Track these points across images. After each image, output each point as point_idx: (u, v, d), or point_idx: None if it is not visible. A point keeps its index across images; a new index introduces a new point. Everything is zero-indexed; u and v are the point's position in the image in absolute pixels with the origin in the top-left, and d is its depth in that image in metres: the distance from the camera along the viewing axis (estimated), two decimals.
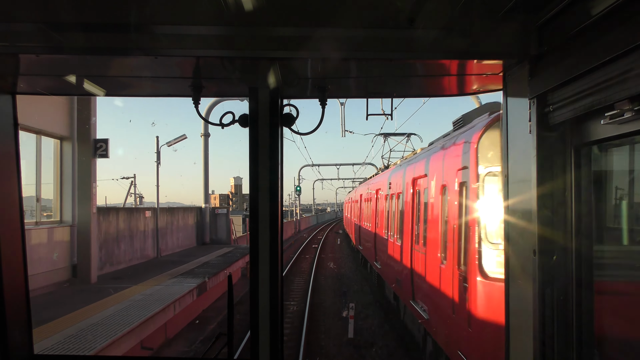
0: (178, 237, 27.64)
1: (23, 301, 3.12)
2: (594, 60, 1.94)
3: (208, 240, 31.37)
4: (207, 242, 31.23)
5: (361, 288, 22.57)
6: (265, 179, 2.91)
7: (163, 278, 17.11)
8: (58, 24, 2.41)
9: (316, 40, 2.47)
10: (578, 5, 2.09)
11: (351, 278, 25.99)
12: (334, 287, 22.92)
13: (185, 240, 28.97)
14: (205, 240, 31.23)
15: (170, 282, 16.20)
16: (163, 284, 15.90)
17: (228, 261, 22.08)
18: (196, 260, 22.48)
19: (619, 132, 2.03)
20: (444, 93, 3.49)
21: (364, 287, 22.82)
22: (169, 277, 17.24)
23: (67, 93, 4.39)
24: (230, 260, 22.57)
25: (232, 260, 22.54)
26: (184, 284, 15.88)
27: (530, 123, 2.46)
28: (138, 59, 2.72)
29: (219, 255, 24.98)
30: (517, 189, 2.63)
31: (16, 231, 3.07)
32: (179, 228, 27.89)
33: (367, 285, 23.13)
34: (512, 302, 2.69)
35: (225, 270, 19.79)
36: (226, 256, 24.29)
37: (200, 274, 17.87)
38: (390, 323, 15.10)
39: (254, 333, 2.99)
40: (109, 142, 16.68)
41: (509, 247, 2.74)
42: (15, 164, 3.05)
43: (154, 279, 16.72)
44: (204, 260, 22.36)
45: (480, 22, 2.44)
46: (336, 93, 3.31)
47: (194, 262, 21.81)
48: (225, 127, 3.03)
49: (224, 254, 25.24)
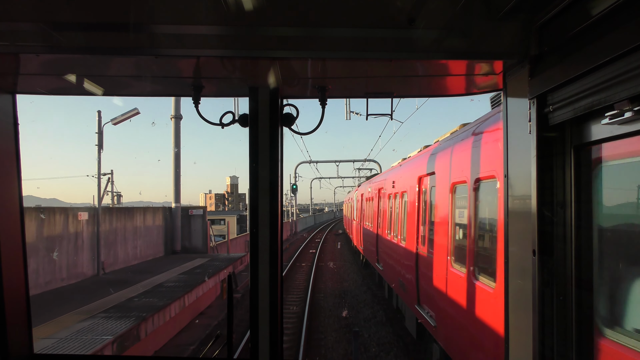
0: (136, 246, 21.49)
1: (23, 301, 3.10)
2: (594, 61, 1.94)
3: (179, 249, 25.23)
4: (177, 251, 25.10)
5: (374, 314, 16.63)
6: (265, 178, 2.93)
7: (67, 320, 10.90)
8: (58, 24, 2.41)
9: (316, 40, 2.47)
10: (578, 6, 2.10)
11: (358, 297, 20.00)
12: (337, 312, 16.93)
13: (148, 249, 22.84)
14: (175, 249, 25.09)
15: (68, 332, 9.98)
16: (53, 336, 9.66)
17: (192, 282, 15.92)
18: (149, 280, 16.34)
19: (619, 133, 2.03)
20: (444, 93, 3.39)
21: (377, 311, 16.83)
22: (78, 319, 11.00)
23: (68, 93, 3.39)
24: (195, 280, 16.38)
25: (197, 280, 16.33)
26: (95, 334, 9.70)
27: (530, 123, 2.44)
28: (138, 59, 2.69)
29: (185, 270, 18.81)
30: (517, 189, 2.63)
31: (16, 231, 3.07)
32: (138, 234, 21.75)
33: (378, 306, 17.11)
34: (511, 302, 2.69)
35: (182, 297, 13.64)
36: (194, 273, 18.11)
37: (139, 309, 11.73)
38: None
39: (253, 333, 2.97)
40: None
41: (508, 247, 2.73)
42: (15, 164, 3.06)
43: (47, 324, 10.51)
44: (160, 281, 16.21)
45: (480, 22, 2.44)
46: (336, 93, 3.26)
47: (144, 283, 15.68)
48: (225, 126, 3.06)
49: (192, 269, 19.08)
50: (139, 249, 21.70)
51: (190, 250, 25.83)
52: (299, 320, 15.69)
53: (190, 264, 20.58)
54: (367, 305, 18.76)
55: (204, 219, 26.09)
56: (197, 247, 25.91)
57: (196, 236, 25.96)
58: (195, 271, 18.55)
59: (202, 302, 17.08)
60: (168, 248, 24.94)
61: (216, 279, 18.26)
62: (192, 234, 26.00)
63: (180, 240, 25.27)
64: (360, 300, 19.86)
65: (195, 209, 26.30)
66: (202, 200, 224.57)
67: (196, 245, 25.96)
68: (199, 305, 16.69)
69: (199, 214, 26.11)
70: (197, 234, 25.96)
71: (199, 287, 15.50)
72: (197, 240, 25.95)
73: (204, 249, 25.91)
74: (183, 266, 19.93)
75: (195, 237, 25.97)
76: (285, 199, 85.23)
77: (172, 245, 25.09)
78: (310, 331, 14.18)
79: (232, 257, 23.23)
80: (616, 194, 2.34)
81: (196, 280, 16.12)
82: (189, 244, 25.93)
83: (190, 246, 25.96)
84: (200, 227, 26.05)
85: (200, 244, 25.96)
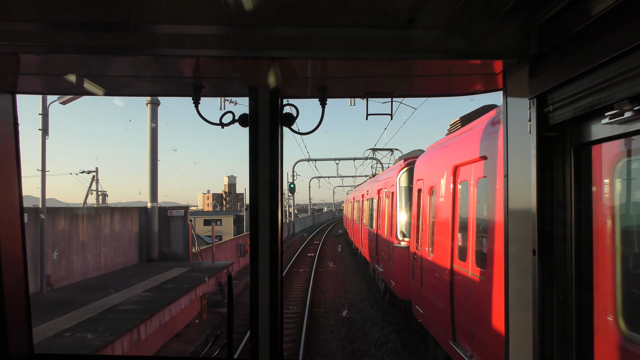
0: (100, 254, 17.96)
1: (23, 301, 3.09)
2: (594, 60, 1.94)
3: (156, 256, 21.70)
4: (154, 258, 21.57)
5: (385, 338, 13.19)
6: (265, 178, 2.92)
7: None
8: (58, 24, 2.41)
9: (316, 40, 2.47)
10: (578, 6, 2.10)
11: (365, 315, 16.56)
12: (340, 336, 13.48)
13: (117, 256, 19.31)
14: (152, 256, 21.57)
15: None
16: None
17: (156, 303, 12.39)
18: (101, 301, 12.80)
19: (619, 132, 2.03)
20: (444, 93, 3.39)
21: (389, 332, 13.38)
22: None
23: (67, 92, 3.94)
24: (161, 300, 12.84)
25: (162, 301, 12.79)
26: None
27: (530, 123, 2.44)
28: (138, 59, 2.67)
29: (154, 285, 15.28)
30: (517, 188, 2.61)
31: (16, 231, 3.05)
32: (103, 239, 18.24)
33: (390, 326, 13.63)
34: (511, 302, 2.69)
35: (134, 329, 10.13)
36: (162, 289, 14.58)
37: None
38: None
39: (253, 333, 2.97)
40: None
41: (508, 246, 2.70)
42: (15, 164, 3.05)
43: None
44: (114, 302, 12.67)
45: (480, 22, 2.43)
46: (336, 93, 3.25)
47: (92, 306, 12.15)
48: (225, 126, 3.04)
49: (162, 284, 15.55)
50: (103, 258, 18.17)
51: (170, 257, 22.31)
52: (295, 344, 12.22)
53: (163, 276, 17.04)
54: (376, 325, 15.30)
55: (185, 220, 22.56)
56: (178, 254, 22.38)
57: (176, 241, 22.45)
58: (166, 286, 15.01)
59: (179, 319, 13.58)
60: (143, 255, 21.42)
61: (191, 295, 14.74)
62: (171, 238, 22.48)
63: (157, 246, 21.74)
64: (367, 318, 16.39)
65: (176, 210, 22.76)
66: (200, 200, 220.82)
67: (176, 251, 22.43)
68: (178, 321, 13.21)
69: (179, 215, 22.57)
70: (177, 238, 22.44)
71: (160, 312, 11.96)
72: (177, 246, 22.43)
73: (185, 256, 22.38)
74: (153, 279, 16.39)
75: (175, 241, 22.46)
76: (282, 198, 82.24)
77: (148, 251, 21.56)
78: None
79: (216, 266, 19.72)
80: (617, 193, 2.29)
81: (161, 302, 12.58)
82: (167, 249, 22.41)
83: (170, 252, 22.43)
84: (182, 231, 22.51)
85: (181, 249, 22.44)
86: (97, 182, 54.77)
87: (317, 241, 47.17)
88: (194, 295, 15.13)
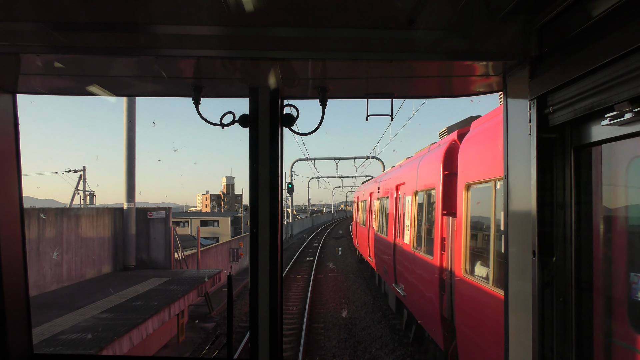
0: (61, 262, 15.29)
1: (23, 301, 3.12)
2: (595, 62, 1.94)
3: (133, 263, 19.04)
4: (131, 266, 18.91)
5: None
6: (265, 179, 2.94)
7: None
8: (59, 24, 2.42)
9: (316, 41, 2.49)
10: (579, 7, 2.11)
11: (369, 328, 13.91)
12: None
13: (85, 265, 16.65)
14: (128, 263, 18.90)
15: None
16: None
17: (120, 325, 9.74)
18: (42, 327, 10.14)
19: (619, 134, 2.03)
20: (444, 94, 3.38)
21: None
22: None
23: (68, 93, 3.36)
24: (123, 323, 10.17)
25: (125, 325, 10.12)
26: None
27: (530, 124, 2.45)
28: (138, 59, 2.69)
29: (119, 302, 12.62)
30: (517, 190, 2.62)
31: (16, 231, 3.07)
32: (66, 244, 15.58)
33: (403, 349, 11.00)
34: (511, 303, 2.68)
35: None
36: (127, 308, 11.91)
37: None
38: None
39: (253, 333, 2.99)
40: None
41: (508, 247, 2.70)
42: (15, 164, 3.07)
43: None
44: (60, 328, 10.01)
45: (480, 23, 2.44)
46: (336, 94, 3.25)
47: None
48: (226, 127, 3.06)
49: (130, 299, 12.88)
50: (66, 267, 15.50)
51: (149, 264, 19.66)
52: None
53: (133, 290, 14.38)
54: (385, 346, 12.67)
55: (167, 223, 19.89)
56: (158, 261, 19.71)
57: (157, 246, 19.77)
58: (133, 304, 12.35)
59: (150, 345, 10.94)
60: (118, 262, 18.76)
61: (164, 315, 12.08)
62: (151, 243, 19.80)
63: (134, 252, 19.08)
64: (375, 337, 13.77)
65: (156, 211, 20.08)
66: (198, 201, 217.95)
67: (157, 258, 19.76)
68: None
69: (160, 217, 19.90)
70: (158, 243, 19.77)
71: (118, 341, 9.30)
72: (157, 252, 19.75)
73: (167, 263, 19.72)
74: (121, 294, 13.72)
75: (155, 247, 19.78)
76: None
77: (124, 258, 18.90)
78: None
79: (200, 276, 17.07)
80: (617, 195, 2.30)
81: (120, 328, 9.91)
82: (147, 256, 19.74)
83: (149, 259, 19.77)
84: (163, 235, 19.85)
85: (162, 256, 19.77)
86: (84, 182, 52.04)
87: (316, 244, 44.59)
88: (168, 315, 12.48)
